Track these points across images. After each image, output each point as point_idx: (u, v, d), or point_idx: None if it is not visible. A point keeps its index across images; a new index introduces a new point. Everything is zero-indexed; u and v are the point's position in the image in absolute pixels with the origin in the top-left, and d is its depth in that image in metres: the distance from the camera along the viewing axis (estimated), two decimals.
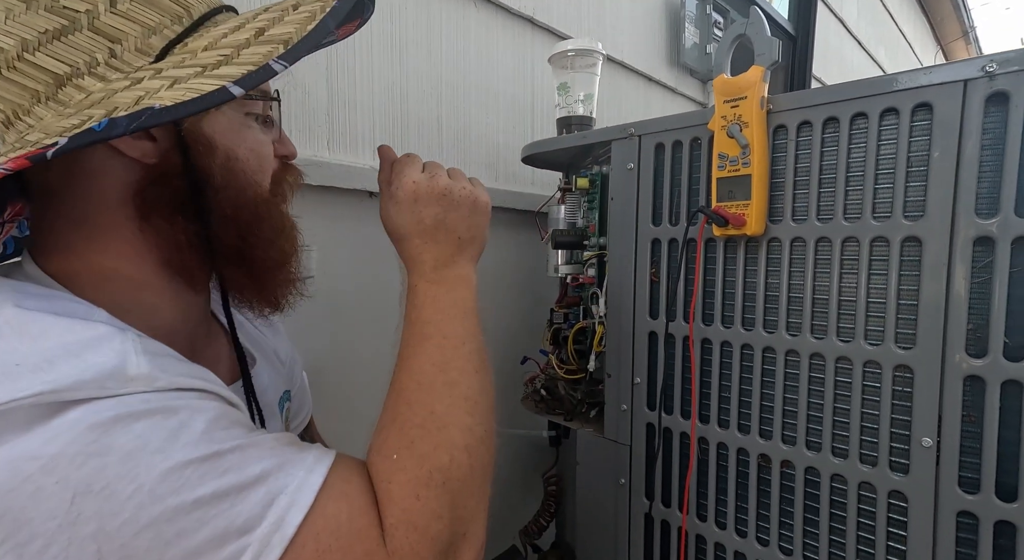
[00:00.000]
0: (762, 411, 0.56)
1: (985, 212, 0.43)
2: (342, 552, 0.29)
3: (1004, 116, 0.42)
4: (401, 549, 0.31)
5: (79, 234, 0.34)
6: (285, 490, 0.29)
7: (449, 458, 0.34)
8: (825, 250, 0.52)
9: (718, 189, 0.55)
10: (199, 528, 0.26)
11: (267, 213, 0.39)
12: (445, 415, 0.36)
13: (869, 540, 0.50)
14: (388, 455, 0.34)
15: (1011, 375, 0.42)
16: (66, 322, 0.29)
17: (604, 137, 0.68)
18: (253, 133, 0.38)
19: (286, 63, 0.30)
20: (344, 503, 0.31)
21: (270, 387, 0.49)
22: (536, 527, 0.85)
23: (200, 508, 0.27)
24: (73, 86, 0.30)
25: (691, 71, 1.47)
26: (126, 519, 0.25)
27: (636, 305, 0.66)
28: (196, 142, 0.35)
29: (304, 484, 0.30)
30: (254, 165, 0.38)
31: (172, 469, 0.27)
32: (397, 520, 0.31)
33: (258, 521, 0.28)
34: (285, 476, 0.30)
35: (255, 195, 0.38)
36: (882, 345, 0.48)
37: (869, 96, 0.48)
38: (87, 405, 0.26)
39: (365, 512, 0.31)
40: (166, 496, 0.26)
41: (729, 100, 0.53)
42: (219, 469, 0.28)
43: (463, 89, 0.94)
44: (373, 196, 0.82)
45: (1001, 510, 0.43)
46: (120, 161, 0.33)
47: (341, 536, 0.30)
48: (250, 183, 0.37)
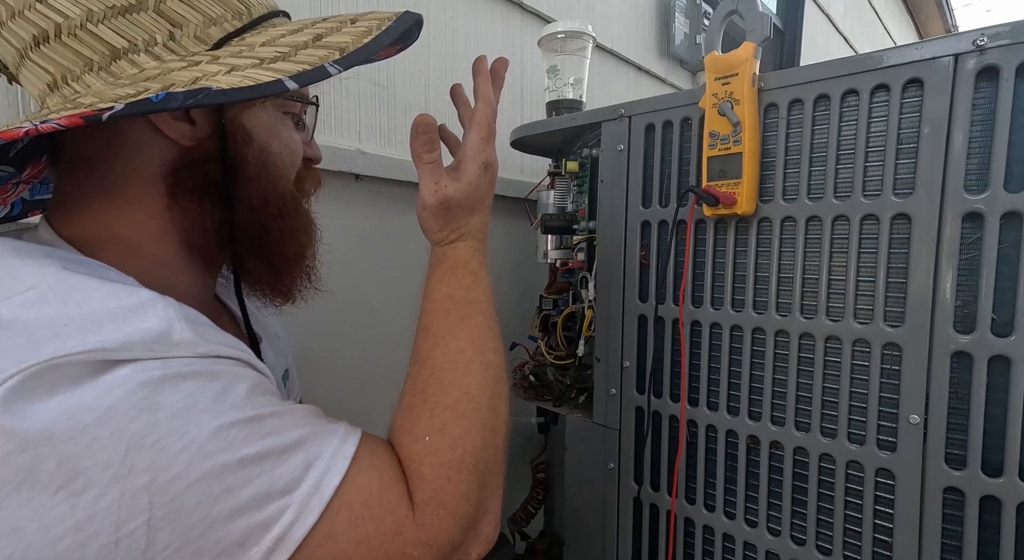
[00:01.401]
0: (751, 392, 0.56)
1: (974, 188, 0.43)
2: (374, 521, 0.30)
3: (994, 91, 0.42)
4: (430, 524, 0.32)
5: (109, 204, 0.34)
6: (322, 456, 0.30)
7: (481, 440, 0.35)
8: (815, 229, 0.51)
9: (709, 168, 0.55)
10: (244, 486, 0.27)
11: (292, 208, 0.39)
12: (479, 396, 0.37)
13: (856, 518, 0.50)
14: (420, 437, 0.35)
15: (998, 350, 0.42)
16: (111, 287, 0.29)
17: (594, 118, 0.68)
18: (288, 131, 0.40)
19: (340, 68, 0.32)
20: (375, 474, 0.32)
21: (275, 366, 0.49)
22: (524, 514, 0.84)
23: (245, 466, 0.27)
24: (127, 60, 0.31)
25: (681, 62, 1.47)
26: (177, 473, 0.26)
27: (626, 288, 0.65)
28: (235, 131, 0.36)
29: (339, 452, 0.31)
30: (286, 161, 0.39)
31: (220, 428, 0.27)
32: (428, 498, 0.32)
33: (298, 483, 0.29)
34: (321, 443, 0.31)
35: (283, 189, 0.39)
36: (871, 323, 0.48)
37: (860, 72, 0.47)
38: (135, 364, 0.26)
39: (395, 485, 0.32)
40: (215, 453, 0.27)
41: (720, 77, 0.53)
42: (261, 432, 0.29)
43: (451, 73, 0.93)
44: (359, 179, 0.80)
45: (987, 485, 0.43)
46: (159, 139, 0.34)
47: (372, 505, 0.30)
48: (280, 177, 0.38)
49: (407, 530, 0.31)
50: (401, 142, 0.86)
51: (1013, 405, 0.42)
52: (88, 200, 0.34)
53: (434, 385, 0.37)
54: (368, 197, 0.82)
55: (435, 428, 0.35)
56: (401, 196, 0.86)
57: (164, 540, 0.25)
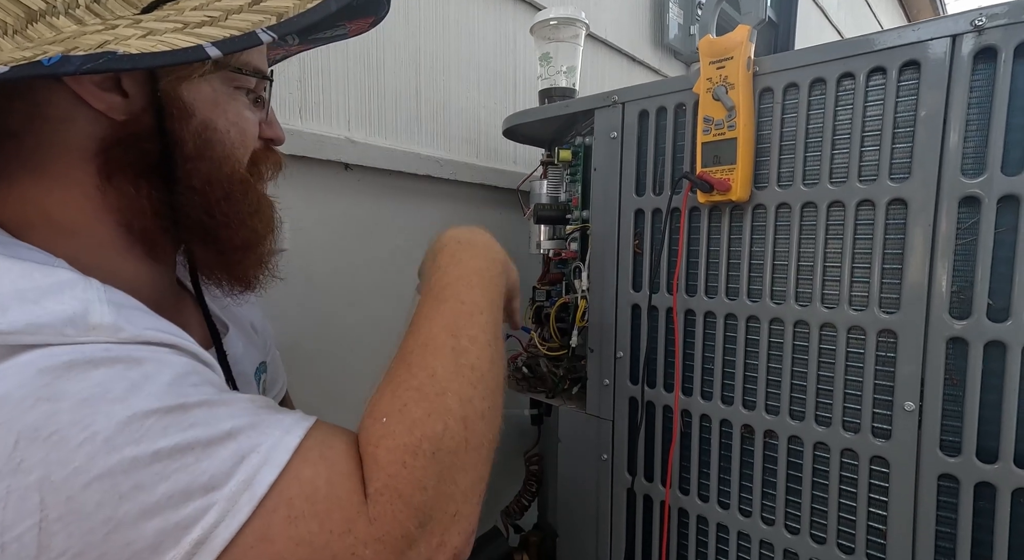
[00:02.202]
0: (745, 381, 0.56)
1: (971, 171, 0.43)
2: (318, 519, 0.27)
3: (992, 72, 0.41)
4: (384, 516, 0.28)
5: (37, 184, 0.32)
6: (257, 449, 0.27)
7: (443, 427, 0.31)
8: (811, 215, 0.51)
9: (703, 154, 0.54)
10: (158, 482, 0.24)
11: (241, 191, 0.36)
12: (446, 380, 0.34)
13: (850, 507, 0.50)
14: (378, 418, 0.32)
15: (994, 336, 0.42)
16: (24, 267, 0.27)
17: (587, 105, 0.67)
18: (237, 107, 0.36)
19: (274, 35, 0.29)
20: (323, 467, 0.28)
21: (245, 357, 0.47)
22: (518, 507, 0.84)
23: (160, 461, 0.24)
24: (45, 23, 0.29)
25: (675, 53, 1.46)
26: (76, 468, 0.23)
27: (619, 278, 0.65)
28: (172, 105, 0.33)
29: (279, 444, 0.28)
30: (234, 140, 0.36)
31: (132, 418, 0.24)
32: (383, 485, 0.29)
33: (226, 478, 0.25)
34: (259, 435, 0.27)
35: (230, 171, 0.36)
36: (866, 310, 0.48)
37: (856, 55, 0.46)
38: (41, 350, 0.24)
39: (347, 477, 0.29)
40: (123, 446, 0.24)
41: (715, 61, 0.52)
42: (184, 422, 0.26)
43: (442, 60, 0.91)
44: (348, 168, 0.79)
45: (981, 472, 0.43)
46: (86, 113, 0.32)
47: (317, 501, 0.27)
48: (226, 157, 0.35)
49: (358, 527, 0.27)
50: (392, 130, 0.85)
51: (1008, 391, 0.42)
52: (14, 179, 0.32)
53: (402, 367, 0.34)
54: (357, 187, 0.81)
55: (395, 409, 0.32)
56: (391, 186, 0.85)
57: (60, 545, 0.23)
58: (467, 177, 0.93)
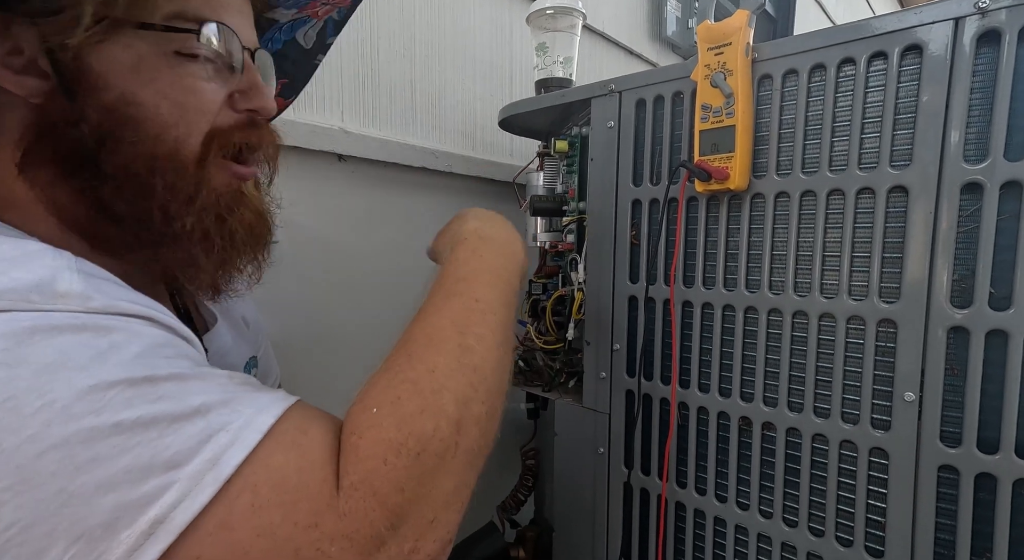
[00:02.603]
0: (743, 373, 0.55)
1: (973, 158, 0.42)
2: (283, 508, 0.25)
3: (995, 56, 0.41)
4: (355, 513, 0.26)
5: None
6: (227, 427, 0.25)
7: (434, 427, 0.30)
8: (810, 204, 0.50)
9: (701, 142, 0.53)
10: (117, 456, 0.23)
11: (179, 178, 0.31)
12: (445, 378, 0.32)
13: (849, 499, 0.49)
14: (368, 407, 0.30)
15: (996, 325, 0.41)
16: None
17: (584, 95, 0.66)
18: (176, 75, 0.31)
19: None
20: (295, 453, 0.27)
21: (233, 350, 0.46)
22: (514, 502, 0.83)
23: (121, 433, 0.23)
24: None
25: (673, 46, 1.45)
26: (29, 436, 0.22)
27: (616, 270, 0.64)
28: (78, 78, 0.29)
29: (251, 423, 0.26)
30: (167, 115, 0.31)
31: (94, 388, 0.23)
32: (359, 480, 0.27)
33: (190, 456, 0.24)
34: (231, 412, 0.26)
35: (163, 154, 0.31)
36: (866, 300, 0.47)
37: (857, 40, 0.46)
38: (3, 315, 0.23)
39: (319, 466, 0.27)
40: (82, 416, 0.23)
41: (713, 47, 0.51)
42: (151, 395, 0.24)
43: (437, 50, 0.90)
44: (342, 159, 0.78)
45: (982, 463, 0.43)
46: (10, 98, 0.29)
47: (285, 490, 0.25)
48: (155, 138, 0.30)
49: (326, 522, 0.26)
50: (387, 121, 0.84)
51: (1010, 380, 0.41)
52: None
53: (402, 357, 0.33)
54: (352, 178, 0.80)
55: (387, 400, 0.30)
56: (386, 178, 0.84)
57: (8, 516, 0.21)
58: (463, 169, 0.93)
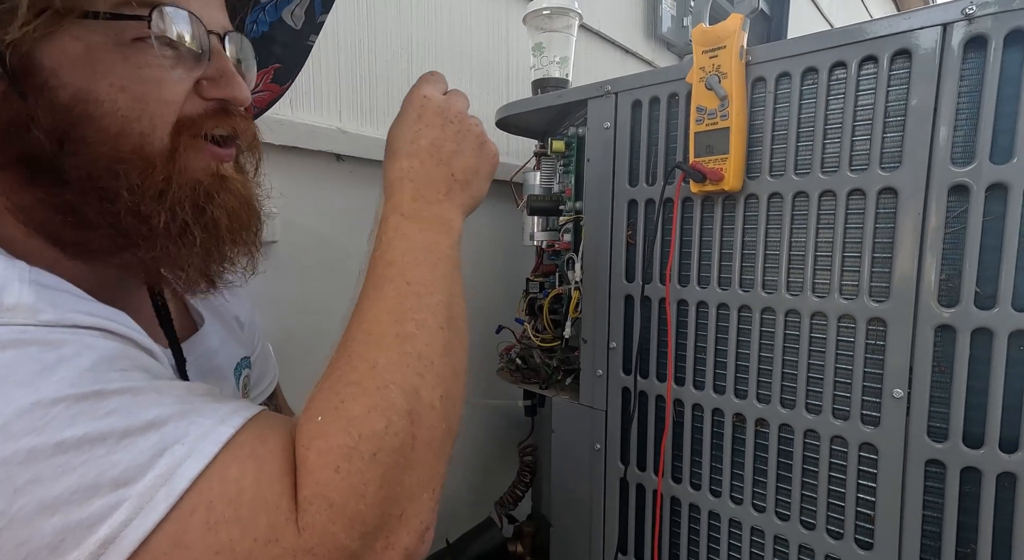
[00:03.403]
0: (737, 371, 0.56)
1: (960, 160, 0.43)
2: (240, 524, 0.24)
3: (981, 61, 0.42)
4: (313, 527, 0.25)
5: None
6: (183, 439, 0.24)
7: (385, 424, 0.28)
8: (802, 205, 0.51)
9: (696, 144, 0.54)
10: (59, 476, 0.22)
11: (146, 177, 0.30)
12: (389, 372, 0.30)
13: (839, 493, 0.51)
14: (313, 417, 0.28)
15: (981, 323, 0.43)
16: None
17: (581, 96, 0.66)
18: (132, 66, 0.29)
19: None
20: (252, 465, 0.26)
21: (221, 351, 0.45)
22: (511, 498, 0.84)
23: (64, 452, 0.22)
24: None
25: (668, 45, 1.45)
26: None
27: (612, 269, 0.65)
28: (28, 77, 0.27)
29: (209, 434, 0.25)
30: (126, 109, 0.29)
31: (36, 404, 0.22)
32: (312, 494, 0.26)
33: (141, 473, 0.23)
34: (188, 424, 0.25)
35: (127, 151, 0.29)
36: (856, 299, 0.48)
37: (848, 44, 0.47)
38: None
39: (277, 479, 0.26)
40: (21, 435, 0.22)
41: (708, 50, 0.52)
42: (99, 410, 0.23)
43: (434, 50, 0.91)
44: (340, 159, 0.78)
45: (968, 457, 0.44)
46: None
47: (241, 505, 0.24)
48: (116, 135, 0.29)
49: (285, 537, 0.24)
50: (384, 121, 0.84)
51: (994, 377, 0.42)
52: None
53: (342, 358, 0.31)
54: (350, 178, 0.80)
55: (330, 406, 0.28)
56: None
57: None
58: None
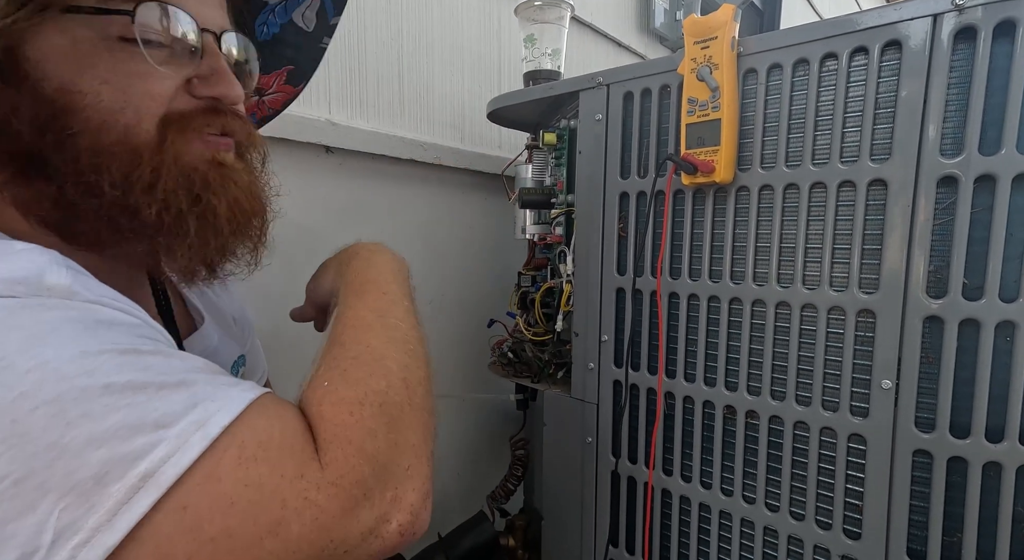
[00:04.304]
0: (728, 363, 0.56)
1: (949, 152, 0.43)
2: (270, 463, 0.26)
3: (971, 52, 0.42)
4: (336, 461, 0.27)
5: None
6: (213, 397, 0.26)
7: (386, 384, 0.31)
8: (793, 197, 0.51)
9: (687, 136, 0.54)
10: (107, 413, 0.23)
11: (132, 168, 0.30)
12: (381, 349, 0.33)
13: (828, 484, 0.51)
14: (319, 385, 0.31)
15: (969, 314, 0.43)
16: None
17: (572, 87, 0.66)
18: (117, 60, 0.29)
19: None
20: (277, 421, 0.28)
21: (221, 349, 0.46)
22: (503, 491, 0.84)
23: (111, 394, 0.24)
24: None
25: (661, 39, 1.45)
26: (22, 393, 0.22)
27: (604, 262, 0.64)
28: (14, 69, 0.28)
29: (234, 396, 0.27)
30: (109, 101, 0.29)
31: (84, 353, 0.24)
32: (331, 435, 0.28)
33: (178, 418, 0.25)
34: (215, 388, 0.27)
35: (111, 142, 0.30)
36: (846, 290, 0.48)
37: (839, 35, 0.46)
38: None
39: (300, 432, 0.28)
40: (73, 376, 0.23)
41: (699, 41, 0.51)
42: (139, 364, 0.25)
43: (425, 42, 0.90)
44: (330, 152, 0.77)
45: (954, 447, 0.44)
46: None
47: (271, 448, 0.26)
48: (99, 126, 0.29)
49: (310, 472, 0.26)
50: (374, 113, 0.83)
51: (981, 368, 0.43)
52: None
53: (335, 348, 0.33)
54: (339, 171, 0.79)
55: (335, 375, 0.31)
56: (374, 170, 0.84)
57: (2, 468, 0.22)
58: (451, 162, 0.92)
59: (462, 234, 1.00)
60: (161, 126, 0.31)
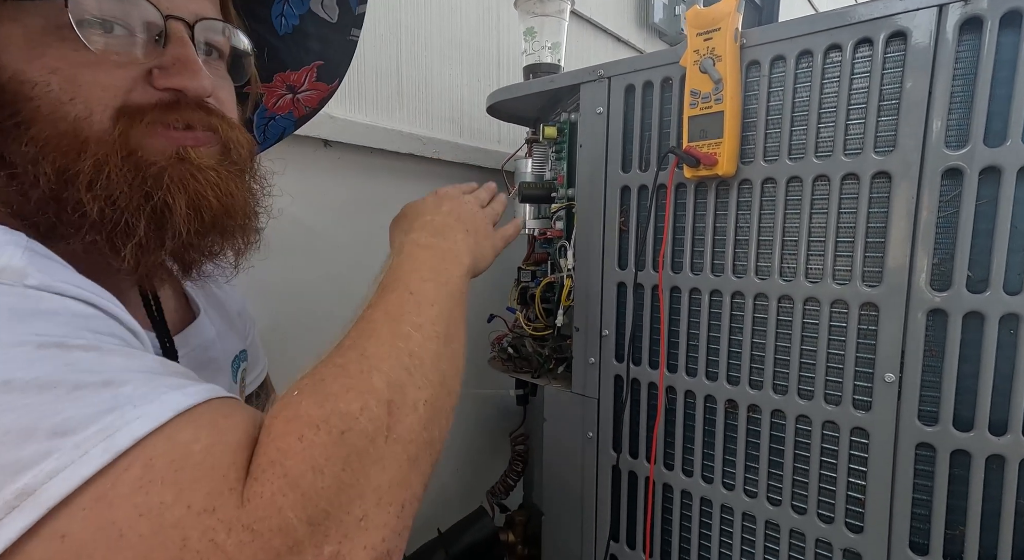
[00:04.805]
0: (730, 357, 0.56)
1: (954, 143, 0.43)
2: (177, 488, 0.21)
3: (977, 43, 0.41)
4: (260, 497, 0.22)
5: None
6: (135, 401, 0.22)
7: (361, 406, 0.26)
8: (796, 190, 0.51)
9: (690, 128, 0.53)
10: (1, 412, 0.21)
11: (72, 162, 0.29)
12: (377, 360, 0.29)
13: (830, 478, 0.51)
14: (291, 391, 0.27)
15: (973, 307, 0.43)
16: None
17: (573, 80, 0.65)
18: (68, 49, 0.28)
19: None
20: (208, 432, 0.23)
21: (217, 342, 0.45)
22: (503, 487, 0.84)
23: (8, 392, 0.21)
24: None
25: (660, 34, 1.44)
26: None
27: (604, 256, 0.64)
28: None
29: (167, 401, 0.23)
30: (59, 91, 0.28)
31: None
32: (268, 460, 0.23)
33: (83, 425, 0.21)
34: (146, 389, 0.23)
35: (59, 133, 0.29)
36: (849, 284, 0.48)
37: (843, 26, 0.46)
38: None
39: (232, 450, 0.23)
40: None
41: (702, 32, 0.51)
42: (58, 360, 0.22)
43: (424, 36, 0.89)
44: (328, 145, 0.77)
45: (958, 440, 0.44)
46: None
47: (185, 468, 0.22)
48: (48, 116, 0.28)
49: (224, 507, 0.21)
50: (373, 107, 0.82)
51: (985, 360, 0.43)
52: None
53: (334, 349, 0.30)
54: (338, 164, 0.78)
55: (311, 383, 0.27)
56: (373, 164, 0.83)
57: None
58: (451, 156, 0.92)
59: None
60: (115, 118, 0.30)
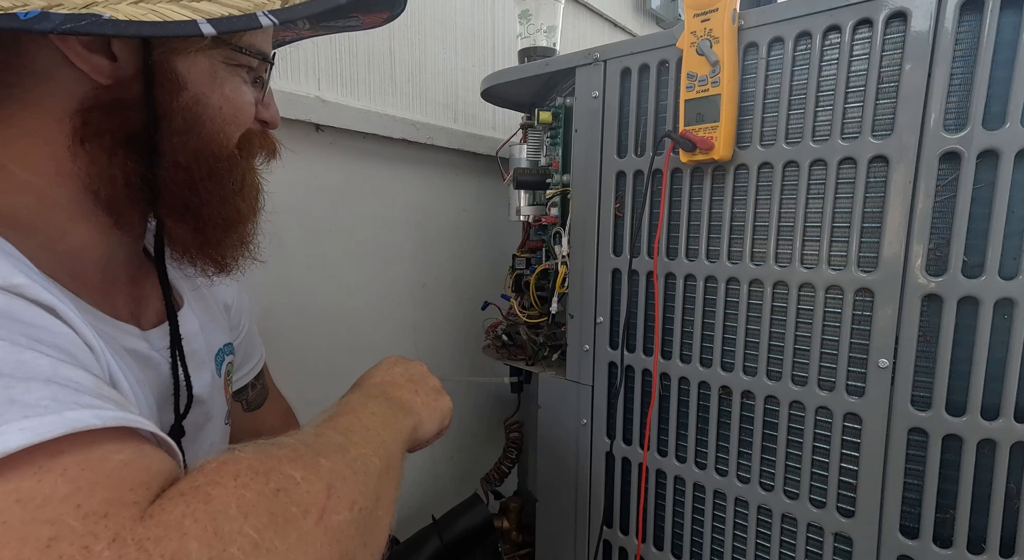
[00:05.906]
0: (724, 343, 0.56)
1: (952, 126, 0.42)
2: (74, 485, 0.20)
3: (977, 24, 0.41)
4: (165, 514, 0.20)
5: (1, 132, 0.31)
6: (13, 418, 0.20)
7: (302, 476, 0.25)
8: (792, 175, 0.50)
9: (686, 112, 0.53)
10: None
11: (227, 169, 0.36)
12: (324, 450, 0.28)
13: (823, 463, 0.51)
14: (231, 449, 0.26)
15: (968, 291, 0.43)
16: None
17: (568, 63, 0.64)
18: (235, 84, 0.36)
19: (276, 20, 0.29)
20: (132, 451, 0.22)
21: (200, 336, 0.44)
22: (497, 474, 0.84)
23: None
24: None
25: (657, 19, 1.43)
26: None
27: (600, 242, 0.64)
28: (164, 76, 0.32)
29: (61, 417, 0.20)
30: (227, 117, 0.35)
31: None
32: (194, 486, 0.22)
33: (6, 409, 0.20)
34: (44, 411, 0.20)
35: (218, 148, 0.35)
36: (844, 269, 0.48)
37: (843, 6, 0.45)
38: None
39: (150, 474, 0.22)
40: None
41: (700, 13, 0.50)
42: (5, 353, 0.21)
43: (417, 19, 0.87)
44: (320, 130, 0.75)
45: (950, 424, 0.44)
46: (70, 71, 0.31)
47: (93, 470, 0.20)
48: (216, 133, 0.35)
49: (118, 516, 0.19)
50: (365, 91, 0.81)
51: (979, 346, 0.43)
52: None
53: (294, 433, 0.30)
54: (329, 149, 0.77)
55: (256, 446, 0.26)
56: (365, 149, 0.82)
57: None
58: (444, 142, 0.91)
59: (455, 216, 0.99)
60: (241, 143, 0.37)
